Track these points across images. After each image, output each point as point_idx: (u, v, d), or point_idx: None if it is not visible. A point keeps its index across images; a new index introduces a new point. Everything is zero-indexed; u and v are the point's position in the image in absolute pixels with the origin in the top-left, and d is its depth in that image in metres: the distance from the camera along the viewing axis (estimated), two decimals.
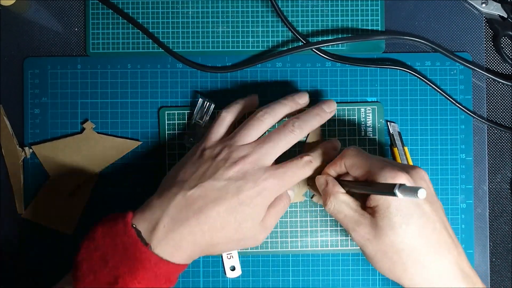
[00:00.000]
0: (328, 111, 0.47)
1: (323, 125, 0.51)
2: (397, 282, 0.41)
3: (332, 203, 0.43)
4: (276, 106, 0.47)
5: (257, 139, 0.45)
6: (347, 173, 0.45)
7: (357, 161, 0.42)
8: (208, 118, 0.50)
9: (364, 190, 0.41)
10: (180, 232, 0.41)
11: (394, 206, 0.39)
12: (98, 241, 0.41)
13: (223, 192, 0.42)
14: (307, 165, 0.45)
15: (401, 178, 0.39)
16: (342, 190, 0.43)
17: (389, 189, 0.36)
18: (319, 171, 0.47)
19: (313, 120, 0.46)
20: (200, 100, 0.50)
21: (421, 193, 0.34)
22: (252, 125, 0.45)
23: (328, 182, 0.44)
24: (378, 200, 0.40)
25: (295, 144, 0.46)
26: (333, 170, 0.45)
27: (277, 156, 0.45)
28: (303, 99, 0.48)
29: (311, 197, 0.51)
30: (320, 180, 0.45)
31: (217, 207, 0.42)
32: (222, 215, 0.42)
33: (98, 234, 0.41)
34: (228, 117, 0.47)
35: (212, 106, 0.50)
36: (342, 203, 0.43)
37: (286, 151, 0.45)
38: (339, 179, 0.45)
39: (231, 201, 0.42)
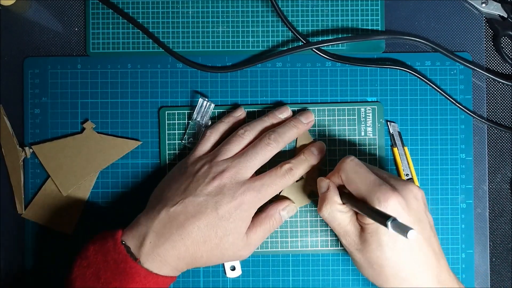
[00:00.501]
0: (305, 122, 0.49)
1: (323, 125, 0.51)
2: None
3: (327, 210, 0.44)
4: (257, 122, 0.48)
5: (236, 154, 0.46)
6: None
7: (353, 177, 0.43)
8: (208, 118, 0.50)
9: (359, 210, 0.42)
10: (164, 247, 0.43)
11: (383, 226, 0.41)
12: (90, 258, 0.42)
13: (202, 207, 0.43)
14: (287, 173, 0.46)
15: (393, 200, 0.41)
16: (340, 201, 0.44)
17: (382, 219, 0.38)
18: (312, 173, 0.48)
19: (290, 132, 0.48)
20: (200, 100, 0.50)
21: (411, 235, 0.35)
22: (232, 141, 0.47)
23: (330, 189, 0.45)
24: (370, 219, 0.41)
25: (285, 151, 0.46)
26: (333, 179, 0.46)
27: (255, 169, 0.46)
28: (284, 114, 0.50)
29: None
30: (322, 183, 0.46)
31: (197, 222, 0.43)
32: (203, 229, 0.43)
33: (90, 252, 0.43)
34: (212, 136, 0.48)
35: (212, 106, 0.50)
36: (338, 212, 0.44)
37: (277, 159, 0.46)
38: (340, 189, 0.45)
39: (211, 215, 0.43)
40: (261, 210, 0.47)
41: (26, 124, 0.51)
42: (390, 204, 0.41)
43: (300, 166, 0.47)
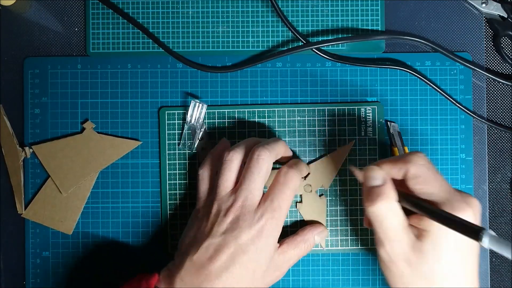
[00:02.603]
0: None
1: (323, 125, 0.51)
2: None
3: (380, 207, 0.39)
4: (239, 142, 0.47)
5: (236, 181, 0.45)
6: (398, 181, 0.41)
7: (426, 175, 0.39)
8: (202, 119, 0.50)
9: (430, 216, 0.37)
10: None
11: (452, 239, 0.38)
12: None
13: (224, 247, 0.42)
14: (288, 174, 0.45)
15: (468, 214, 0.37)
16: (396, 198, 0.39)
17: (473, 233, 0.33)
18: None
19: (274, 141, 0.46)
20: (192, 102, 0.50)
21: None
22: (224, 169, 0.45)
23: (386, 182, 0.40)
24: (432, 225, 0.38)
25: None
26: (388, 170, 0.40)
27: (261, 188, 0.44)
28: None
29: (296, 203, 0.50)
30: (375, 174, 0.40)
31: (224, 264, 0.41)
32: (233, 271, 0.41)
33: None
34: (205, 173, 0.47)
35: (205, 106, 0.50)
36: (391, 211, 0.39)
37: None
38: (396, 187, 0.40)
39: (235, 253, 0.41)
40: (297, 233, 0.47)
41: (26, 124, 0.51)
42: (465, 217, 0.37)
43: (298, 164, 0.46)
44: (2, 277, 0.51)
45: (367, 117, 0.51)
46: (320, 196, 0.50)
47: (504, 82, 0.51)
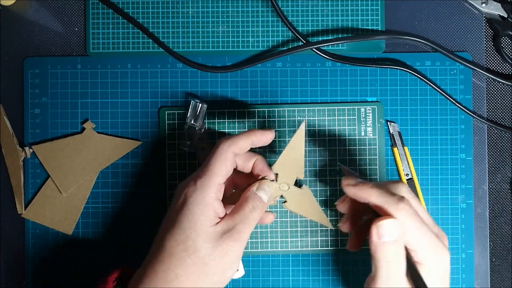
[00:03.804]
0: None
1: (323, 125, 0.51)
2: None
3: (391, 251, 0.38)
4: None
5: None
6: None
7: (411, 230, 0.38)
8: (202, 119, 0.50)
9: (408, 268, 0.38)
10: None
11: (436, 281, 0.39)
12: None
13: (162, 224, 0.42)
14: (222, 143, 0.42)
15: (446, 257, 0.39)
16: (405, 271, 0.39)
17: None
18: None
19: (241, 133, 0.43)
20: (192, 102, 0.50)
21: None
22: None
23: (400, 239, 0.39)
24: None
25: None
26: (375, 208, 0.40)
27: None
28: None
29: (283, 203, 0.47)
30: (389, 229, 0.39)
31: (159, 240, 0.40)
32: (164, 245, 0.40)
33: None
34: None
35: (205, 106, 0.50)
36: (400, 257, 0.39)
37: None
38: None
39: (166, 227, 0.40)
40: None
41: (26, 124, 0.51)
42: (445, 265, 0.39)
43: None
44: (2, 277, 0.51)
45: (367, 117, 0.51)
46: (300, 187, 0.46)
47: (504, 82, 0.51)
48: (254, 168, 0.44)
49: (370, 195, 0.40)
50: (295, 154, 0.45)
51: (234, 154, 0.42)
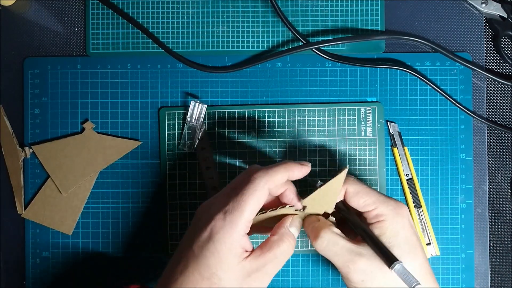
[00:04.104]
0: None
1: (323, 125, 0.51)
2: None
3: (323, 237, 0.40)
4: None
5: None
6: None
7: (363, 189, 0.42)
8: (202, 120, 0.50)
9: (365, 237, 0.40)
10: None
11: (401, 229, 0.40)
12: None
13: (180, 254, 0.40)
14: (257, 179, 0.40)
15: (407, 212, 0.41)
16: (335, 229, 0.41)
17: (388, 260, 0.38)
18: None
19: (275, 165, 0.42)
20: (192, 102, 0.50)
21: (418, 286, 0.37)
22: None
23: (320, 219, 0.42)
24: (385, 231, 0.40)
25: None
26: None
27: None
28: None
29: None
30: (310, 218, 0.43)
31: (179, 270, 0.39)
32: (187, 275, 0.38)
33: None
34: None
35: (205, 107, 0.50)
36: (336, 236, 0.41)
37: None
38: (337, 203, 0.43)
39: (188, 260, 0.39)
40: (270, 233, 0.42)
41: (26, 124, 0.51)
42: (406, 215, 0.41)
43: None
44: (2, 277, 0.51)
45: (367, 117, 0.51)
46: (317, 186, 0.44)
47: (504, 82, 0.51)
48: (283, 197, 0.42)
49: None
50: (329, 196, 0.43)
51: (268, 190, 0.40)
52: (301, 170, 0.42)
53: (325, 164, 0.51)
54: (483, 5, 0.51)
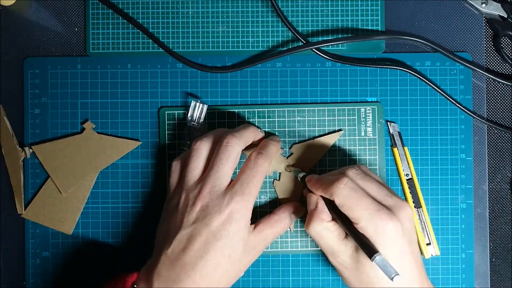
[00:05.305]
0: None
1: (323, 125, 0.51)
2: None
3: (314, 228, 0.44)
4: (208, 132, 0.47)
5: (203, 170, 0.45)
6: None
7: (349, 203, 0.42)
8: (202, 119, 0.50)
9: (349, 232, 0.42)
10: None
11: (379, 246, 0.41)
12: None
13: (196, 236, 0.42)
14: (258, 159, 0.45)
15: (391, 227, 0.41)
16: (328, 218, 0.44)
17: (369, 252, 0.40)
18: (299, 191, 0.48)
19: (244, 129, 0.47)
20: (192, 102, 0.50)
21: (395, 279, 0.38)
22: (191, 158, 0.45)
23: (318, 206, 0.45)
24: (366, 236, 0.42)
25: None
26: (324, 194, 0.45)
27: (229, 175, 0.44)
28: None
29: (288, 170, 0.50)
30: (310, 199, 0.46)
31: (198, 253, 0.42)
32: (208, 258, 0.42)
33: None
34: (177, 165, 0.47)
35: (205, 107, 0.50)
36: (325, 230, 0.44)
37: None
38: (329, 203, 0.45)
39: (208, 241, 0.42)
40: (273, 212, 0.47)
41: (26, 124, 0.51)
42: (387, 232, 0.41)
43: (267, 148, 0.46)
44: (2, 277, 0.51)
45: (367, 117, 0.51)
46: (299, 176, 0.49)
47: (504, 82, 0.51)
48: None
49: (316, 185, 0.45)
50: (316, 149, 0.50)
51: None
52: (258, 135, 0.48)
53: (325, 164, 0.51)
54: (483, 5, 0.51)
